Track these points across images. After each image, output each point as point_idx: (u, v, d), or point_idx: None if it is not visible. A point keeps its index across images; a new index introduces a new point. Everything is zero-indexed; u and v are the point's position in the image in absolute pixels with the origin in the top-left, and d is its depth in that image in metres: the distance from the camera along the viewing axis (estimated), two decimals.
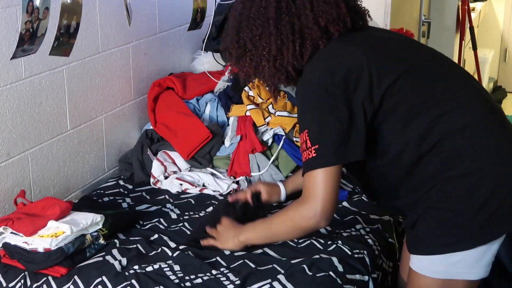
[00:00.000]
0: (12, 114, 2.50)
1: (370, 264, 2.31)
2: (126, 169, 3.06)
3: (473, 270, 1.86)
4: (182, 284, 2.13)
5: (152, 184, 2.93)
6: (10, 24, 2.40)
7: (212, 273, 2.18)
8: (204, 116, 3.18)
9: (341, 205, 2.67)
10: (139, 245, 2.38)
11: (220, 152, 3.03)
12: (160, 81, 3.27)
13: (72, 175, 2.85)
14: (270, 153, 2.99)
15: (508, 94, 6.71)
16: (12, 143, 2.51)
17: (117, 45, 3.03)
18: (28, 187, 2.60)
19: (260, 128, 3.04)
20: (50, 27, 2.22)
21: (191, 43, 3.62)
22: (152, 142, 3.09)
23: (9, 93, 2.47)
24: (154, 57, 3.33)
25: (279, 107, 3.08)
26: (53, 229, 2.21)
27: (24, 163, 2.58)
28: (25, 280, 2.19)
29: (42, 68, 2.60)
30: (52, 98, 2.68)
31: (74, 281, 2.16)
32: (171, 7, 3.39)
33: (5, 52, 2.38)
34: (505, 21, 6.78)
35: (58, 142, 2.75)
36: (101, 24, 2.89)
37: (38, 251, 2.17)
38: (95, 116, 2.95)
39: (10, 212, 2.45)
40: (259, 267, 2.20)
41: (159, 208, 2.71)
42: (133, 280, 2.14)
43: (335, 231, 2.45)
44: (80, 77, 2.82)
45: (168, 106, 3.17)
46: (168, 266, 2.22)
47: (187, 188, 2.87)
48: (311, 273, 2.17)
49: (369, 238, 2.45)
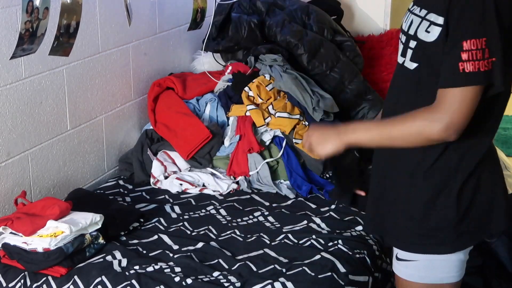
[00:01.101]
0: (12, 114, 2.50)
1: (370, 264, 2.31)
2: (126, 169, 3.06)
3: (456, 273, 1.87)
4: (183, 282, 2.12)
5: (152, 184, 2.93)
6: (10, 24, 2.40)
7: (213, 275, 2.18)
8: (204, 116, 3.18)
9: (341, 205, 2.68)
10: (139, 245, 2.38)
11: (220, 152, 3.04)
12: (160, 81, 3.27)
13: (72, 175, 2.85)
14: (269, 154, 2.99)
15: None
16: (12, 143, 2.51)
17: (117, 45, 3.03)
18: (28, 187, 2.60)
19: (260, 128, 3.05)
20: (50, 27, 2.22)
21: (191, 43, 3.62)
22: (152, 142, 3.09)
23: (9, 93, 2.47)
24: (154, 57, 3.32)
25: (279, 107, 3.08)
26: (52, 229, 2.21)
27: (24, 163, 2.58)
28: (25, 280, 2.19)
29: (42, 68, 2.60)
30: (52, 98, 2.68)
31: (74, 281, 2.16)
32: (171, 7, 3.39)
33: (5, 52, 2.38)
34: None
35: (58, 142, 2.75)
36: (101, 24, 2.89)
37: (37, 251, 2.17)
38: (95, 116, 2.95)
39: (10, 212, 2.45)
40: (260, 269, 2.20)
41: (159, 208, 2.71)
42: (133, 280, 2.14)
43: (336, 231, 2.45)
44: (80, 77, 2.82)
45: (168, 106, 3.16)
46: (168, 267, 2.22)
47: (187, 188, 2.87)
48: (312, 273, 2.17)
49: (370, 238, 2.45)
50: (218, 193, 2.85)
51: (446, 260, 1.85)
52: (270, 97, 3.13)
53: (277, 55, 3.32)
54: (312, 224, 2.56)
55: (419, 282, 1.88)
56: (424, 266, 1.86)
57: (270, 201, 2.78)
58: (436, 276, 1.86)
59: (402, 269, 1.91)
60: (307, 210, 2.69)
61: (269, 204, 2.76)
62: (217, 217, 2.64)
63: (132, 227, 2.50)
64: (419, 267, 1.87)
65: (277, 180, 2.95)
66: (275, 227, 2.55)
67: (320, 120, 3.06)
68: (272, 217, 2.62)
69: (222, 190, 2.86)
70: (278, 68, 3.23)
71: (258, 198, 2.81)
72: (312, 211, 2.68)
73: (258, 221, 2.61)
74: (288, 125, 3.03)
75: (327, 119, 3.11)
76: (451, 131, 1.66)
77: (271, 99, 3.12)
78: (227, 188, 2.86)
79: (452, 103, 1.65)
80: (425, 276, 1.87)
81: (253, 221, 2.60)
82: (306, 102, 3.10)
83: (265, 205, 2.75)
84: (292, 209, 2.71)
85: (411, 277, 1.89)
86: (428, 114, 1.68)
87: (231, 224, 2.58)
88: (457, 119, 1.65)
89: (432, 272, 1.86)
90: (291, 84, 3.13)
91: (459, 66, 1.63)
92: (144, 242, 2.42)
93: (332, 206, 2.70)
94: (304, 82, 3.18)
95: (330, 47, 3.42)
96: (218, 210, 2.69)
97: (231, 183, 2.89)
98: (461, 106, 1.64)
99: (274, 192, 2.86)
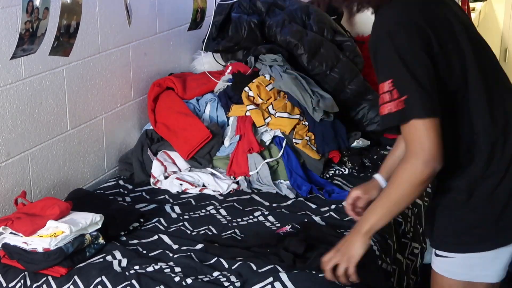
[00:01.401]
0: (12, 114, 2.50)
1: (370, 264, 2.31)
2: (126, 169, 3.06)
3: (493, 273, 1.88)
4: (183, 282, 2.12)
5: (152, 184, 2.93)
6: (10, 24, 2.40)
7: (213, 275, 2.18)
8: (204, 116, 3.18)
9: (341, 205, 2.67)
10: (139, 245, 2.38)
11: (220, 152, 3.03)
12: (160, 81, 3.27)
13: (72, 175, 2.85)
14: (269, 154, 2.99)
15: None
16: (12, 143, 2.51)
17: (117, 45, 3.03)
18: (28, 187, 2.60)
19: (260, 128, 3.05)
20: (50, 27, 2.22)
21: (191, 43, 3.62)
22: (152, 142, 3.09)
23: (9, 93, 2.47)
24: (154, 57, 3.32)
25: (279, 107, 3.08)
26: (52, 229, 2.21)
27: (24, 163, 2.58)
28: (25, 280, 2.19)
29: (42, 68, 2.60)
30: (52, 98, 2.68)
31: (74, 281, 2.16)
32: (171, 7, 3.39)
33: (5, 52, 2.38)
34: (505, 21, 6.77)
35: (58, 142, 2.75)
36: (101, 24, 2.89)
37: (37, 251, 2.17)
38: (95, 116, 2.95)
39: (10, 212, 2.45)
40: (260, 268, 2.20)
41: (159, 208, 2.71)
42: (133, 280, 2.14)
43: (336, 231, 2.45)
44: (80, 77, 2.82)
45: (168, 106, 3.16)
46: (168, 267, 2.22)
47: (187, 188, 2.87)
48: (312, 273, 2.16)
49: None
50: (218, 193, 2.85)
51: (483, 258, 1.86)
52: (270, 97, 3.13)
53: (277, 55, 3.32)
54: None
55: (454, 279, 1.90)
56: (461, 263, 1.88)
57: (270, 201, 2.78)
58: (472, 274, 1.88)
59: (439, 265, 1.93)
60: (307, 210, 2.69)
61: (269, 204, 2.76)
62: (217, 217, 2.64)
63: (132, 227, 2.50)
64: (456, 263, 1.88)
65: (277, 180, 2.95)
66: (275, 227, 2.55)
67: (320, 120, 3.06)
68: (272, 217, 2.62)
69: (222, 190, 2.86)
70: (278, 68, 3.24)
71: (258, 198, 2.81)
72: (312, 211, 2.68)
73: (258, 221, 2.61)
74: (288, 125, 3.03)
75: (327, 119, 3.11)
76: (431, 163, 1.73)
77: (271, 99, 3.12)
78: (227, 188, 2.86)
79: (412, 140, 1.74)
80: (461, 273, 1.88)
81: (253, 221, 2.60)
82: (306, 102, 3.10)
83: (265, 205, 2.75)
84: (292, 209, 2.71)
85: (447, 273, 1.91)
86: (405, 164, 1.78)
87: (231, 224, 2.58)
88: (428, 152, 1.72)
89: (468, 269, 1.88)
90: (291, 84, 3.13)
91: (380, 110, 1.76)
92: (144, 242, 2.42)
93: (332, 206, 2.70)
94: (304, 82, 3.18)
95: (330, 47, 3.42)
96: (218, 210, 2.69)
97: (231, 183, 2.89)
98: (421, 139, 1.72)
99: (274, 192, 2.86)
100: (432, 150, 1.71)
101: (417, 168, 1.74)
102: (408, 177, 1.77)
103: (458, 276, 1.90)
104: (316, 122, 3.07)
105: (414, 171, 1.75)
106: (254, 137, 2.97)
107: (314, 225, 2.50)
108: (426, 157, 1.72)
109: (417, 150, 1.72)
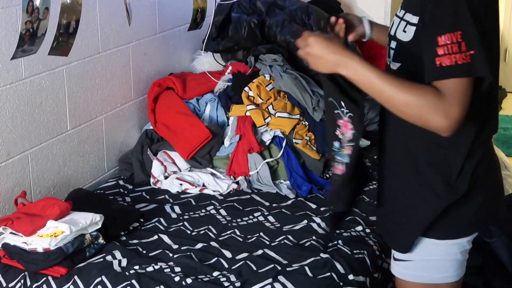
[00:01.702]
0: (12, 114, 2.50)
1: (370, 264, 2.31)
2: (126, 169, 3.06)
3: (453, 272, 1.87)
4: (182, 282, 2.12)
5: (152, 184, 2.93)
6: (10, 24, 2.40)
7: (213, 275, 2.18)
8: (204, 116, 3.18)
9: None
10: (139, 245, 2.38)
11: (220, 152, 3.04)
12: (160, 81, 3.27)
13: (72, 175, 2.85)
14: (269, 154, 2.99)
15: (508, 94, 6.71)
16: (12, 143, 2.51)
17: (117, 45, 3.03)
18: (28, 187, 2.60)
19: (260, 128, 3.05)
20: (50, 27, 2.22)
21: (191, 43, 3.62)
22: (152, 142, 3.09)
23: (9, 93, 2.47)
24: (154, 57, 3.32)
25: (279, 107, 3.08)
26: (52, 229, 2.21)
27: (24, 163, 2.58)
28: (25, 280, 2.19)
29: (42, 68, 2.60)
30: (52, 98, 2.68)
31: (74, 281, 2.16)
32: (171, 7, 3.39)
33: (5, 52, 2.38)
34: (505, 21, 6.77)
35: (58, 142, 2.75)
36: (101, 24, 2.89)
37: (37, 251, 2.17)
38: (95, 116, 2.95)
39: (10, 212, 2.45)
40: (259, 269, 2.20)
41: (159, 208, 2.71)
42: (133, 280, 2.14)
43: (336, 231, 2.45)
44: (80, 77, 2.82)
45: (168, 106, 3.16)
46: (168, 267, 2.22)
47: (187, 188, 2.87)
48: (312, 273, 2.17)
49: (369, 239, 2.45)
50: (218, 193, 2.85)
51: (442, 260, 1.85)
52: (270, 97, 3.13)
53: (277, 55, 3.32)
54: (312, 224, 2.56)
55: (416, 282, 1.89)
56: (421, 266, 1.86)
57: (270, 201, 2.78)
58: (433, 276, 1.87)
59: (399, 270, 1.92)
60: (307, 210, 2.69)
61: (269, 204, 2.76)
62: (217, 217, 2.64)
63: (132, 227, 2.50)
64: (415, 267, 1.87)
65: (277, 180, 2.95)
66: (275, 227, 2.55)
67: (320, 120, 3.06)
68: (272, 217, 2.62)
69: (222, 190, 2.86)
70: (278, 68, 3.24)
71: (258, 198, 2.81)
72: (312, 211, 2.68)
73: (258, 221, 2.61)
74: (288, 125, 3.03)
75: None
76: (452, 129, 1.62)
77: (271, 99, 3.12)
78: (227, 188, 2.86)
79: (454, 94, 1.62)
80: (421, 275, 1.87)
81: (253, 221, 2.60)
82: (306, 102, 3.10)
83: (265, 205, 2.75)
84: (292, 209, 2.71)
85: (408, 277, 1.90)
86: (435, 100, 1.62)
87: (231, 224, 2.58)
88: (459, 116, 1.61)
89: (428, 271, 1.86)
90: (291, 84, 3.13)
91: (435, 62, 1.61)
92: (144, 242, 2.42)
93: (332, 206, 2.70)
94: (304, 82, 3.18)
95: None
96: (218, 210, 2.69)
97: (231, 183, 2.89)
98: (459, 100, 1.61)
99: (274, 192, 2.86)
100: (462, 117, 1.62)
101: (439, 117, 1.62)
102: (424, 108, 1.63)
103: (419, 279, 1.88)
104: (316, 122, 3.08)
105: (433, 115, 1.62)
106: (254, 137, 2.98)
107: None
108: (453, 120, 1.62)
109: (453, 106, 1.61)
